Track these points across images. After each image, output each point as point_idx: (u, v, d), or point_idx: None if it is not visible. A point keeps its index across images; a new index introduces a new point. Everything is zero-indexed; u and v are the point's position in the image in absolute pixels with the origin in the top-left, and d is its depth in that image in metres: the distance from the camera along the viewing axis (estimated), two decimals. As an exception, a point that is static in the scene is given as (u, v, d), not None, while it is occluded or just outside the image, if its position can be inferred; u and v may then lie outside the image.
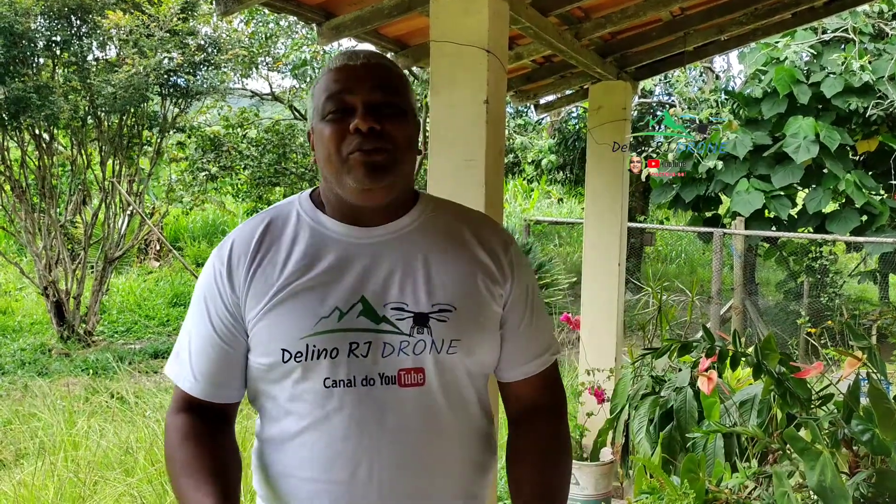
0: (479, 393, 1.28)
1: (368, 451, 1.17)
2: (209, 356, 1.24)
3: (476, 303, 1.23)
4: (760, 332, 7.24)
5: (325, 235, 1.23)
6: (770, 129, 7.98)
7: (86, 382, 6.53)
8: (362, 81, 1.18)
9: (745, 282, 7.53)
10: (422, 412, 1.18)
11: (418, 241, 1.25)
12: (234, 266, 1.22)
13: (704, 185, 8.23)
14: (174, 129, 9.19)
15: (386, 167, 1.18)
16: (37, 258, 8.37)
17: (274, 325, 1.18)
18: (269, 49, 10.17)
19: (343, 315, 1.17)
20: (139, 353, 7.89)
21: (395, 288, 1.20)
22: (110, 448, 4.11)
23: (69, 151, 8.79)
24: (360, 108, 1.16)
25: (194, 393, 1.25)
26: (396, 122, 1.18)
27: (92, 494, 3.56)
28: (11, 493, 3.58)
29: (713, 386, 3.03)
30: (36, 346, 8.19)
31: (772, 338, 2.80)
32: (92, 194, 9.01)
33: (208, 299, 1.24)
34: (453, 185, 2.39)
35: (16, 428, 5.03)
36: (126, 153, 8.63)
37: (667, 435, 3.29)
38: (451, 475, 1.23)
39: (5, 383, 6.78)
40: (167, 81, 8.32)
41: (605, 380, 3.93)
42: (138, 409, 4.63)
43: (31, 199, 8.35)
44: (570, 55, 3.45)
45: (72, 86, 7.93)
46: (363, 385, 1.17)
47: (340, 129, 1.17)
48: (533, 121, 11.64)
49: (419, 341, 1.18)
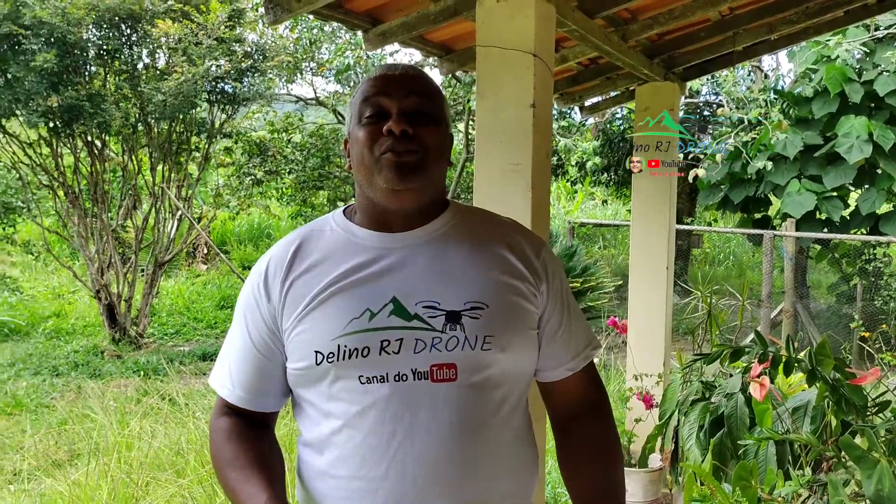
0: (516, 393, 1.28)
1: (402, 445, 1.18)
2: (247, 367, 1.29)
3: (508, 301, 1.25)
4: (812, 337, 7.08)
5: (357, 243, 1.27)
6: (821, 129, 7.80)
7: (137, 384, 6.67)
8: (399, 88, 1.22)
9: (796, 285, 7.37)
10: (454, 407, 1.19)
11: (448, 243, 1.27)
12: (271, 279, 1.27)
13: (753, 185, 8.08)
14: (221, 135, 9.34)
15: (416, 168, 1.21)
16: (89, 262, 8.57)
17: (307, 330, 1.23)
18: (314, 54, 10.28)
19: (374, 315, 1.20)
20: (188, 355, 8.03)
21: (426, 287, 1.23)
22: (162, 449, 4.18)
23: (120, 158, 8.99)
24: (394, 112, 1.21)
25: (233, 401, 1.31)
26: (429, 128, 1.23)
27: (144, 495, 3.63)
28: (67, 493, 3.67)
29: (765, 392, 2.97)
30: (89, 348, 8.38)
31: (826, 343, 2.74)
32: (142, 199, 9.20)
33: (247, 312, 1.29)
34: (500, 189, 2.38)
35: (70, 428, 5.15)
36: (175, 159, 8.80)
37: (717, 442, 3.23)
38: (486, 472, 1.22)
39: (60, 385, 6.96)
40: (215, 88, 8.46)
41: (653, 385, 3.88)
42: (188, 411, 4.70)
43: (84, 205, 8.55)
44: (616, 57, 3.42)
45: (123, 94, 8.11)
46: (395, 381, 1.19)
47: (374, 130, 1.22)
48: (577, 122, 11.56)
49: (452, 337, 1.20)
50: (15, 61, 7.47)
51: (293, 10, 2.42)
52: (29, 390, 6.76)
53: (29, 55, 7.38)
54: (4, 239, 9.58)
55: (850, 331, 7.08)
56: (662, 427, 3.65)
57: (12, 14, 7.40)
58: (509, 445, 1.26)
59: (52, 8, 7.38)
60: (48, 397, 6.52)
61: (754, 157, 7.42)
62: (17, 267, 11.57)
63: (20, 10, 7.39)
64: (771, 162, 7.39)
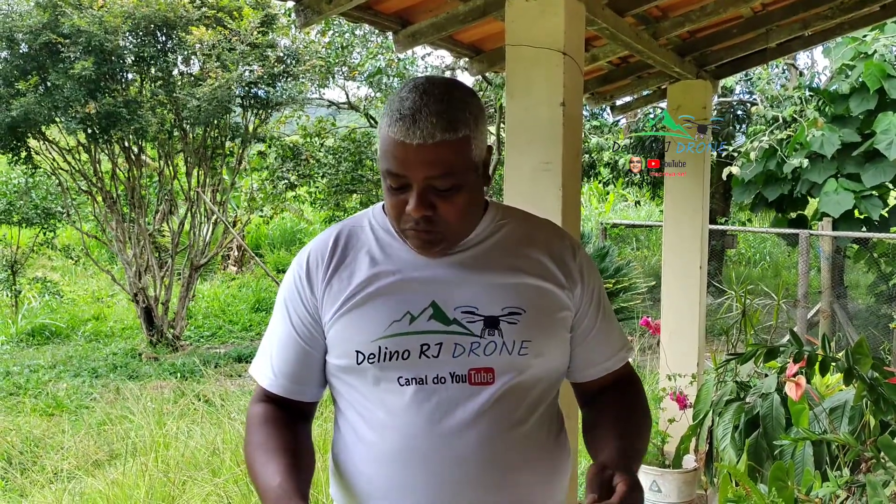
0: (549, 397, 1.30)
1: (439, 447, 1.19)
2: (289, 355, 1.30)
3: (545, 306, 1.26)
4: (850, 337, 6.95)
5: (396, 244, 1.28)
6: (859, 127, 7.66)
7: (174, 385, 6.76)
8: (417, 166, 1.16)
9: (833, 285, 7.25)
10: (491, 410, 1.20)
11: (487, 247, 1.29)
12: (313, 270, 1.28)
13: (789, 184, 7.95)
14: (255, 140, 9.45)
15: (439, 242, 1.23)
16: (127, 266, 8.72)
17: (348, 328, 1.24)
18: (345, 59, 10.36)
19: (414, 319, 1.22)
20: (224, 357, 8.13)
21: (464, 292, 1.24)
22: (198, 449, 4.24)
23: (156, 163, 9.14)
24: (415, 192, 1.18)
25: (273, 389, 1.31)
26: (453, 200, 1.19)
27: (181, 494, 3.68)
28: (106, 492, 3.74)
29: (801, 392, 2.93)
30: (127, 350, 8.53)
31: (864, 341, 2.70)
32: (178, 204, 9.34)
33: (289, 302, 1.30)
34: (530, 189, 2.38)
35: (109, 429, 5.24)
36: (210, 164, 8.92)
37: (753, 442, 3.20)
38: (522, 473, 1.23)
39: (99, 386, 7.09)
40: (248, 93, 8.57)
41: (686, 385, 3.84)
42: (224, 411, 4.76)
43: (122, 210, 8.71)
44: (647, 55, 3.40)
45: (158, 100, 8.25)
46: (434, 383, 1.21)
47: (399, 203, 1.20)
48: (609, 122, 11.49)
49: (490, 342, 1.22)
50: (54, 69, 7.65)
51: (323, 13, 2.45)
52: (69, 392, 6.89)
53: (67, 63, 7.54)
54: (45, 244, 9.80)
55: (889, 331, 6.94)
56: (696, 427, 3.61)
57: (51, 23, 7.57)
58: (543, 446, 1.27)
59: (90, 17, 7.54)
60: (88, 398, 6.65)
61: (790, 156, 7.31)
62: (57, 271, 11.82)
63: (59, 20, 7.57)
64: (807, 160, 7.27)
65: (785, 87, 8.90)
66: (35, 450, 5.04)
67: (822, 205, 7.48)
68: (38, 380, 7.31)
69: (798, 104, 7.62)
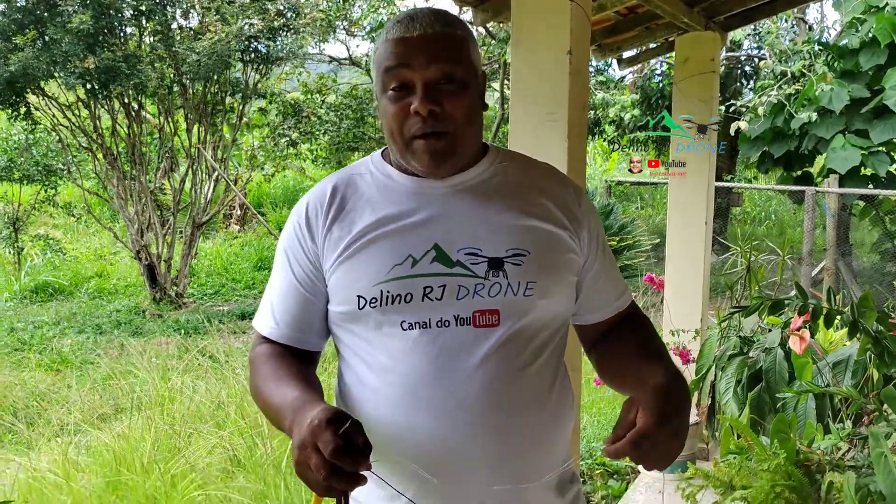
0: (556, 339, 1.29)
1: (444, 390, 1.18)
2: (290, 304, 1.28)
3: (549, 248, 1.25)
4: (854, 294, 6.95)
5: (396, 189, 1.26)
6: (868, 82, 7.56)
7: (178, 342, 6.80)
8: (420, 55, 1.16)
9: (838, 242, 7.22)
10: (496, 353, 1.19)
11: (488, 189, 1.27)
12: (313, 219, 1.26)
13: (796, 140, 7.87)
14: (255, 95, 9.36)
15: (448, 152, 1.20)
16: (129, 223, 8.71)
17: (349, 273, 1.22)
18: (346, 12, 10.21)
19: (416, 262, 1.20)
20: (227, 315, 8.16)
21: (467, 234, 1.22)
22: (203, 403, 4.27)
23: (156, 119, 9.07)
24: (419, 88, 1.17)
25: (275, 337, 1.30)
26: (457, 98, 1.18)
27: (187, 446, 3.71)
28: (112, 445, 3.77)
29: (805, 346, 2.93)
30: (130, 307, 8.56)
31: (869, 295, 2.68)
32: (178, 161, 9.30)
33: (289, 251, 1.29)
34: (535, 140, 2.34)
35: (114, 384, 5.28)
36: (210, 120, 8.85)
37: (755, 396, 3.21)
38: (527, 416, 1.23)
39: (103, 342, 7.13)
40: (248, 48, 8.46)
41: (690, 340, 3.84)
42: (229, 367, 4.79)
43: (123, 167, 8.67)
44: (655, 4, 3.33)
45: (158, 54, 8.16)
46: (438, 326, 1.19)
47: (401, 108, 1.18)
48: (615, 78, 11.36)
49: (494, 284, 1.20)
50: (52, 23, 7.55)
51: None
52: (73, 348, 6.94)
53: (65, 17, 7.44)
54: (47, 201, 9.78)
55: (893, 289, 6.94)
56: (699, 382, 3.62)
57: (48, -24, 7.47)
58: (549, 390, 1.26)
59: (87, -31, 7.43)
60: (92, 354, 6.69)
61: (798, 111, 7.22)
62: (59, 229, 11.81)
63: (56, -28, 7.46)
64: (816, 114, 7.18)
65: (794, 41, 8.77)
66: (41, 404, 5.08)
67: (829, 161, 7.42)
68: (42, 336, 7.35)
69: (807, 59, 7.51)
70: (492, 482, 1.20)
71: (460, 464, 1.19)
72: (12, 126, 9.39)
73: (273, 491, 3.29)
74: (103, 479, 3.52)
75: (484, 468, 1.20)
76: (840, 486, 2.27)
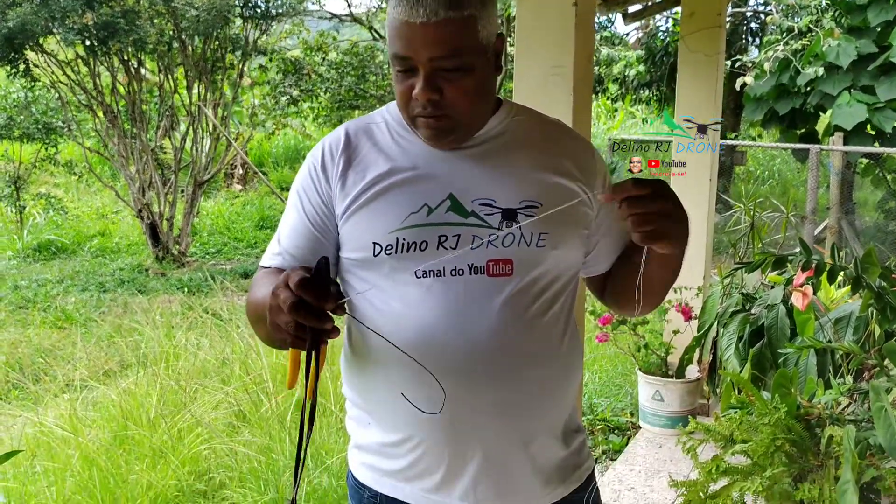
0: (567, 291, 1.30)
1: (456, 338, 1.19)
2: (300, 242, 1.28)
3: (561, 200, 1.25)
4: (856, 253, 6.93)
5: (411, 139, 1.27)
6: (876, 38, 7.46)
7: (181, 300, 6.83)
8: (423, 45, 1.15)
9: (842, 201, 7.19)
10: (509, 301, 1.21)
11: (502, 142, 1.28)
12: (328, 162, 1.27)
13: (801, 98, 7.80)
14: (255, 52, 9.26)
15: (450, 130, 1.21)
16: (130, 182, 8.68)
17: (364, 220, 1.23)
18: (347, -33, 10.06)
19: (432, 211, 1.21)
20: (230, 273, 8.18)
21: (482, 185, 1.23)
22: (207, 360, 4.30)
23: (156, 77, 8.98)
24: (421, 75, 1.16)
25: (276, 265, 1.30)
26: (460, 83, 1.18)
27: (192, 401, 3.75)
28: (118, 400, 3.81)
29: (808, 302, 2.93)
30: (133, 265, 8.58)
31: (873, 251, 2.68)
32: (179, 120, 9.23)
33: (302, 192, 1.29)
34: (540, 94, 2.33)
35: (119, 341, 5.32)
36: (210, 77, 8.77)
37: (757, 352, 3.23)
38: (538, 364, 1.24)
39: (107, 300, 7.16)
40: (248, 3, 8.35)
41: (692, 297, 3.85)
42: (232, 325, 4.81)
43: (123, 125, 8.61)
44: (662, -43, 3.27)
45: (157, 10, 8.05)
46: (452, 275, 1.20)
47: (407, 88, 1.19)
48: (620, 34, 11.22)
49: (508, 234, 1.21)
50: (49, -22, 7.45)
51: None
52: (77, 305, 6.97)
53: (63, -29, 7.34)
54: (47, 159, 9.74)
55: (896, 247, 6.93)
56: (701, 338, 3.64)
57: (44, -71, 7.34)
58: (560, 341, 1.28)
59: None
60: (96, 312, 6.72)
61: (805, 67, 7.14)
62: (60, 187, 11.78)
63: (51, -75, 7.33)
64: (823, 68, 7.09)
65: (801, -5, 8.64)
66: (46, 360, 5.12)
67: (834, 117, 7.35)
68: (46, 294, 7.39)
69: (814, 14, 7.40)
70: (499, 429, 1.22)
71: (469, 410, 1.21)
72: (11, 83, 9.31)
73: (278, 445, 3.33)
74: (110, 434, 3.56)
75: (492, 415, 1.21)
76: (840, 439, 2.30)
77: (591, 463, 1.38)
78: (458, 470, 1.23)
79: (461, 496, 1.24)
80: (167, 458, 3.28)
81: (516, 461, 1.25)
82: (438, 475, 1.24)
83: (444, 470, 1.23)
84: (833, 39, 6.77)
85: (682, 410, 3.68)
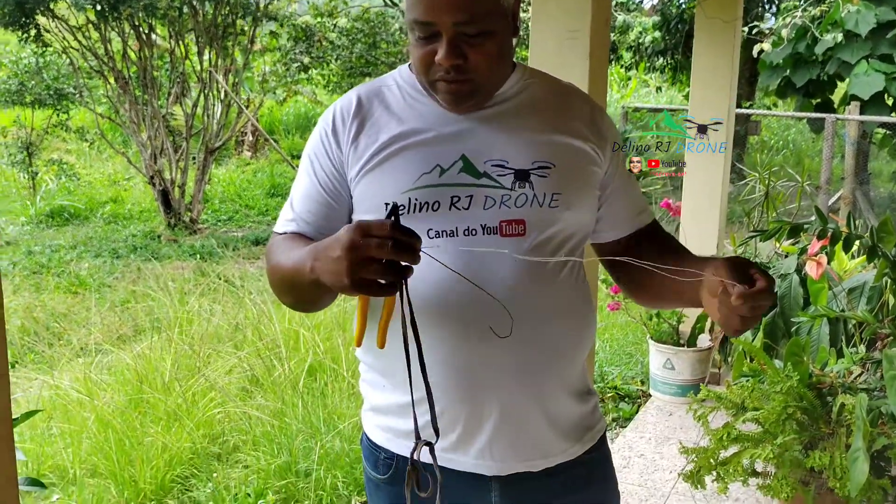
0: (579, 252, 1.30)
1: (469, 298, 1.19)
2: (312, 206, 1.28)
3: (574, 162, 1.26)
4: (870, 223, 6.90)
5: (423, 101, 1.27)
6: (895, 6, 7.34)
7: (194, 266, 6.87)
8: (447, 7, 1.14)
9: (857, 171, 7.13)
10: (523, 261, 1.21)
11: (515, 104, 1.28)
12: (339, 126, 1.27)
13: (818, 67, 7.69)
14: (266, 18, 9.19)
15: (472, 94, 1.21)
16: (142, 148, 8.69)
17: (377, 181, 1.23)
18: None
19: (444, 171, 1.21)
20: (241, 241, 8.21)
21: (494, 146, 1.23)
22: (220, 325, 4.34)
23: (167, 43, 8.94)
24: (444, 39, 1.15)
25: (291, 230, 1.29)
26: (483, 48, 1.17)
27: (206, 366, 3.79)
28: (133, 364, 3.85)
29: (822, 271, 2.92)
30: (146, 232, 8.62)
31: (888, 220, 2.66)
32: (190, 86, 9.20)
33: (313, 157, 1.29)
34: (556, 59, 2.30)
35: (132, 306, 5.37)
36: (221, 43, 8.72)
37: (769, 321, 3.22)
38: (552, 326, 1.24)
39: (120, 266, 7.21)
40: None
41: (705, 266, 3.84)
42: (245, 291, 4.84)
43: (134, 92, 8.59)
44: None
45: (167, -25, 7.99)
46: (465, 235, 1.20)
47: (427, 53, 1.17)
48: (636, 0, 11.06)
49: (521, 195, 1.22)
50: (59, -58, 7.39)
51: None
52: (91, 271, 7.02)
53: (73, -65, 7.28)
54: (59, 125, 9.74)
55: (911, 219, 6.87)
56: (713, 307, 3.63)
57: None
58: (573, 302, 1.28)
59: None
60: (110, 278, 6.77)
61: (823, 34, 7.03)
62: (72, 154, 11.80)
63: None
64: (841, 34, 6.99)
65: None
66: (61, 325, 5.17)
67: (851, 86, 7.26)
68: (59, 259, 7.44)
69: (833, -20, 7.28)
70: (516, 387, 1.22)
71: (485, 368, 1.21)
72: (23, 49, 9.29)
73: (291, 409, 3.37)
74: (125, 397, 3.61)
75: (510, 373, 1.22)
76: (851, 407, 2.30)
77: (603, 424, 1.39)
78: (475, 429, 1.24)
79: (477, 454, 1.25)
80: (182, 422, 3.33)
81: (533, 419, 1.25)
82: (455, 434, 1.24)
83: (461, 429, 1.24)
84: (852, 6, 6.65)
85: (693, 379, 3.69)
